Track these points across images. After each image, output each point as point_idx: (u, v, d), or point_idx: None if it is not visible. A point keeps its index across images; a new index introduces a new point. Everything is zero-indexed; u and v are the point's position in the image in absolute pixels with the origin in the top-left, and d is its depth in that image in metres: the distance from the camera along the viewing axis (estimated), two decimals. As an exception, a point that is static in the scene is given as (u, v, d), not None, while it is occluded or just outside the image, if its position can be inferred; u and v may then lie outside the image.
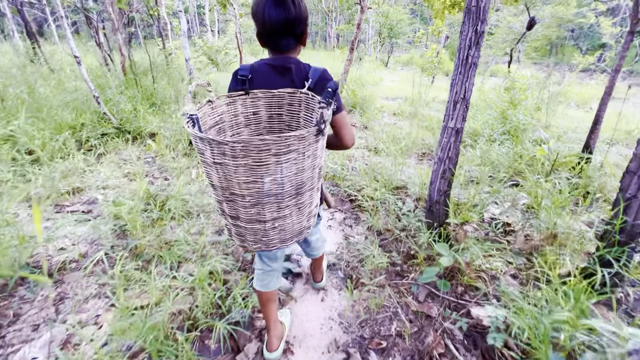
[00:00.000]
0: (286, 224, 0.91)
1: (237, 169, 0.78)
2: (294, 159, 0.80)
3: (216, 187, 0.87)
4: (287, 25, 1.01)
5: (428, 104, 5.56)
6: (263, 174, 0.79)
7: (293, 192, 0.86)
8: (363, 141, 4.12)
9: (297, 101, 1.06)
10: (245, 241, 0.94)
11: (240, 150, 0.74)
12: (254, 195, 0.83)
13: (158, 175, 2.98)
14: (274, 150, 0.76)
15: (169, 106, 4.26)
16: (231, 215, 0.91)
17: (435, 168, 1.73)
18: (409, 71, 13.75)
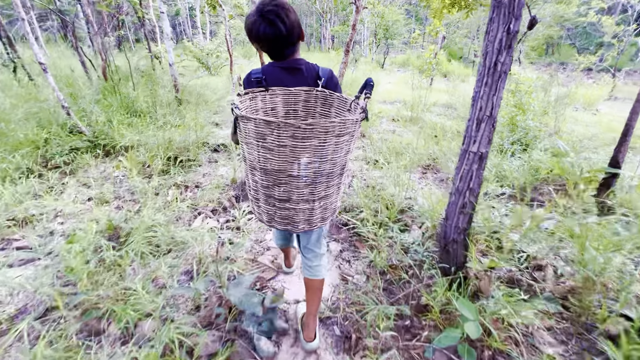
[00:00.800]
0: (328, 203, 1.03)
1: (303, 149, 0.87)
2: (346, 141, 0.93)
3: (270, 173, 0.93)
4: (281, 40, 1.07)
5: (429, 109, 5.25)
6: (324, 154, 0.89)
7: (339, 171, 0.98)
8: (361, 152, 3.79)
9: (313, 98, 1.18)
10: (291, 223, 1.02)
11: (311, 131, 0.83)
12: (310, 175, 0.92)
13: (129, 197, 2.63)
14: (337, 131, 0.86)
15: (147, 116, 3.90)
16: (281, 199, 0.97)
17: (453, 200, 1.40)
18: (405, 72, 13.46)
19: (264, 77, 1.15)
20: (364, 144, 4.06)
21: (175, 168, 2.98)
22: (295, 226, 1.04)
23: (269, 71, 1.16)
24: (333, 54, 15.63)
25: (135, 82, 4.79)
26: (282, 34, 1.05)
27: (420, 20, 30.67)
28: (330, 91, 1.16)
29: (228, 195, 2.62)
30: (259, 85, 1.14)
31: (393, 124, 5.14)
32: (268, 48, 1.10)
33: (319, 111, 1.21)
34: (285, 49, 1.11)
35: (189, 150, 3.26)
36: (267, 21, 1.03)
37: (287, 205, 0.99)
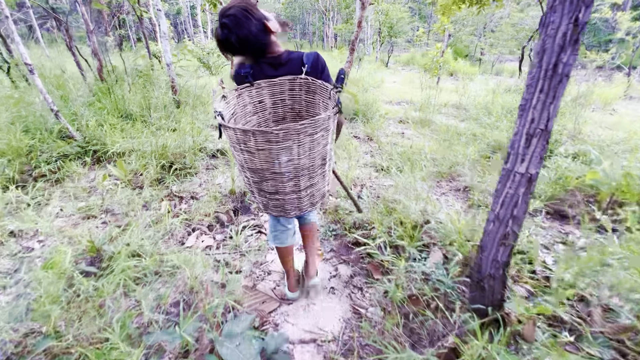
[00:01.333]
0: (315, 190, 1.14)
1: (280, 151, 0.95)
2: (322, 136, 1.00)
3: (256, 171, 1.03)
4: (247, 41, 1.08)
5: (439, 110, 4.99)
6: (301, 152, 0.97)
7: (320, 163, 1.07)
8: (368, 157, 3.55)
9: (298, 86, 1.21)
10: (283, 211, 1.14)
11: (284, 135, 0.92)
12: (292, 171, 1.01)
13: (118, 210, 2.41)
14: (310, 130, 0.94)
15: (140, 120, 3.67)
16: (270, 192, 1.09)
17: (491, 229, 1.16)
18: (410, 71, 13.18)
19: (251, 72, 1.17)
20: (372, 149, 3.82)
21: (170, 177, 2.76)
22: (287, 212, 1.16)
23: (254, 66, 1.19)
24: (336, 53, 15.35)
25: (131, 82, 4.57)
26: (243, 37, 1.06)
27: (424, 18, 30.29)
28: (312, 78, 1.17)
29: (226, 208, 2.39)
30: (246, 79, 1.17)
31: (401, 126, 4.90)
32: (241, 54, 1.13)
33: (304, 98, 1.24)
34: (255, 49, 1.12)
35: (185, 157, 3.04)
36: (226, 29, 1.05)
37: (276, 196, 1.10)
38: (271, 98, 1.26)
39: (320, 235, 2.14)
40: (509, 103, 5.09)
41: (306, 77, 1.17)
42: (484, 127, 4.07)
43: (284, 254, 1.53)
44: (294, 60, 1.18)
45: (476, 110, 4.87)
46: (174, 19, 23.04)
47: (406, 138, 4.24)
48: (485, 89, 7.52)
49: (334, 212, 2.32)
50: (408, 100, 6.81)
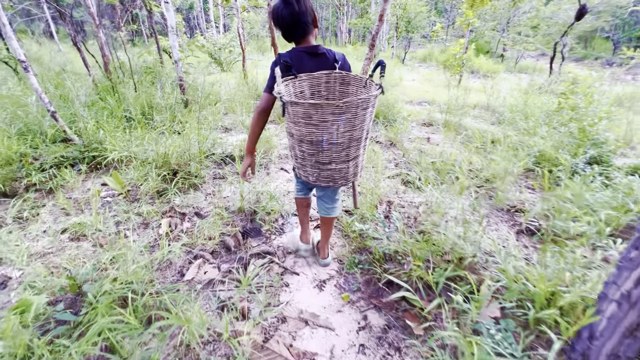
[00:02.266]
0: (359, 161, 1.31)
1: (341, 122, 1.13)
2: (370, 112, 1.20)
3: (315, 143, 1.19)
4: (296, 18, 1.28)
5: (467, 112, 4.56)
6: (356, 123, 1.16)
7: (365, 135, 1.26)
8: (392, 166, 3.18)
9: (333, 79, 1.39)
10: (332, 180, 1.30)
11: (346, 108, 1.10)
12: (346, 141, 1.19)
13: (113, 228, 2.12)
14: (363, 105, 1.13)
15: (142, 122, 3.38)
16: (324, 162, 1.25)
17: (613, 312, 0.80)
18: (428, 68, 12.63)
19: (288, 62, 1.30)
20: (395, 156, 3.44)
21: (172, 189, 2.46)
22: (336, 182, 1.31)
23: (294, 56, 1.34)
24: (350, 48, 14.88)
25: (137, 81, 4.30)
26: (296, 12, 1.26)
27: (441, 12, 29.32)
28: (346, 72, 1.37)
29: (233, 230, 2.07)
30: (287, 68, 1.30)
31: (425, 129, 4.49)
32: (287, 28, 1.30)
33: (338, 89, 1.38)
34: (300, 29, 1.30)
35: (190, 164, 2.73)
36: (285, 3, 1.25)
37: (329, 167, 1.26)
38: (310, 89, 1.42)
39: (345, 267, 1.80)
40: (545, 105, 4.62)
41: (341, 72, 1.37)
42: (522, 134, 3.64)
43: (302, 205, 1.76)
44: (327, 54, 1.37)
45: (510, 114, 4.42)
46: (186, 14, 22.89)
47: (433, 144, 3.85)
48: (513, 88, 7.00)
49: (358, 238, 1.98)
50: (430, 100, 6.37)
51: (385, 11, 5.06)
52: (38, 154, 2.76)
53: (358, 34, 23.16)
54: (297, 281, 1.73)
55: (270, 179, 2.90)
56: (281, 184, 2.81)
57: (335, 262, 1.86)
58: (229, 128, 4.24)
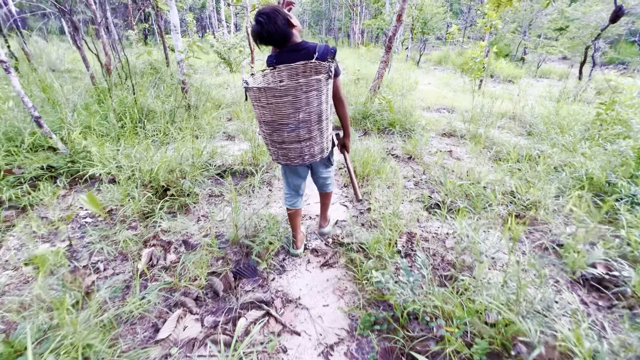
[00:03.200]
0: (313, 143, 1.41)
1: (283, 105, 1.27)
2: (315, 95, 1.28)
3: (268, 123, 1.36)
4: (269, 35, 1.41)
5: (492, 122, 4.14)
6: (298, 106, 1.28)
7: (316, 119, 1.35)
8: (411, 185, 2.80)
9: (309, 69, 1.51)
10: (289, 159, 1.45)
11: (285, 91, 1.23)
12: (293, 122, 1.32)
13: (86, 259, 1.81)
14: (304, 88, 1.24)
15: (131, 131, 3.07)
16: (278, 141, 1.40)
17: None
18: (443, 71, 12.13)
19: (274, 60, 1.53)
20: (414, 173, 3.06)
21: (159, 211, 2.14)
22: (292, 161, 1.45)
23: (278, 53, 1.53)
24: (363, 50, 14.47)
25: (134, 83, 4.02)
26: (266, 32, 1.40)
27: (457, 14, 28.59)
28: (319, 61, 1.45)
29: (224, 270, 1.73)
30: (270, 64, 1.54)
31: (446, 140, 4.09)
32: (265, 43, 1.46)
33: (314, 77, 1.32)
34: (275, 41, 1.45)
35: (185, 178, 2.41)
36: (257, 23, 1.39)
37: (283, 146, 1.41)
38: (289, 79, 1.55)
39: (358, 328, 1.44)
40: (580, 115, 4.16)
41: (315, 62, 1.45)
42: (560, 150, 3.21)
43: (293, 216, 1.83)
44: (308, 49, 1.48)
45: (543, 125, 3.97)
46: (199, 13, 22.84)
47: (455, 158, 3.45)
48: (541, 95, 6.51)
49: (375, 291, 1.61)
50: (449, 107, 5.94)
51: (404, 11, 4.67)
52: (17, 164, 2.49)
53: (371, 35, 22.71)
54: (297, 344, 1.38)
55: (272, 198, 2.56)
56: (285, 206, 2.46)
57: (345, 318, 1.50)
58: (232, 135, 3.92)
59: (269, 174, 2.91)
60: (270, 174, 2.88)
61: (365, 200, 2.53)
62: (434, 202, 2.46)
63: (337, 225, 2.23)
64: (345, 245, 1.96)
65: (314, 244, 2.01)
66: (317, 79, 1.25)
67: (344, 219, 2.30)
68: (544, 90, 6.25)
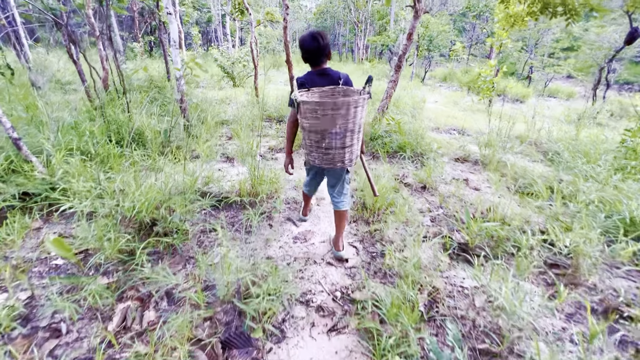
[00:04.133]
0: (353, 149, 1.70)
1: (337, 116, 1.54)
2: (361, 110, 1.59)
3: (319, 132, 1.61)
4: (321, 51, 1.78)
5: (512, 148, 3.87)
6: (349, 118, 1.56)
7: (358, 128, 1.65)
8: (427, 221, 2.50)
9: (337, 92, 1.83)
10: (332, 162, 1.70)
11: (340, 104, 1.51)
12: (343, 131, 1.60)
13: (47, 318, 1.51)
14: (354, 104, 1.53)
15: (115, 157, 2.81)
16: (326, 147, 1.66)
17: None
18: (449, 89, 11.99)
19: (305, 82, 1.81)
20: (430, 206, 2.77)
21: (140, 256, 1.84)
22: (335, 164, 1.71)
23: (308, 77, 1.84)
24: (367, 65, 14.41)
25: (129, 100, 3.80)
26: (317, 47, 1.77)
27: (460, 31, 28.82)
28: (347, 87, 1.82)
29: (211, 335, 1.43)
30: (301, 85, 1.80)
31: (460, 166, 3.81)
32: (308, 56, 1.81)
33: (362, 96, 1.62)
34: (318, 59, 1.81)
35: (175, 209, 2.13)
36: (312, 38, 1.76)
37: (329, 151, 1.67)
38: (319, 99, 1.84)
39: None
40: (601, 140, 3.89)
41: (343, 87, 1.81)
42: (591, 182, 2.92)
43: (307, 199, 2.33)
44: (332, 75, 1.84)
45: (566, 151, 3.70)
46: (205, 27, 23.08)
47: (473, 188, 3.16)
48: (554, 116, 6.28)
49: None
50: (459, 128, 5.70)
51: (415, 29, 4.48)
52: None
53: (375, 51, 22.83)
54: None
55: (272, 235, 2.27)
56: (286, 245, 2.17)
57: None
58: (232, 157, 3.66)
59: (268, 204, 2.63)
60: (269, 204, 2.60)
61: (377, 241, 2.23)
62: (455, 242, 2.16)
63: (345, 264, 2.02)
64: (357, 303, 1.66)
65: (319, 300, 1.71)
66: (364, 98, 1.57)
67: (354, 264, 2.00)
68: (561, 112, 6.01)
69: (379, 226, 2.35)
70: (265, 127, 5.01)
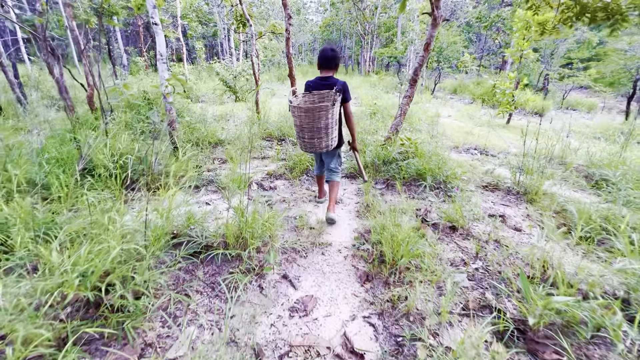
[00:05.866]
0: (322, 140, 2.35)
1: (306, 118, 2.29)
2: (325, 113, 2.26)
3: (298, 126, 2.37)
4: (334, 60, 2.41)
5: (553, 175, 3.29)
6: (314, 118, 2.27)
7: (324, 126, 2.30)
8: (463, 281, 1.93)
9: (330, 96, 2.35)
10: (307, 148, 2.44)
11: (306, 110, 2.27)
12: (312, 128, 2.31)
13: None
14: (319, 109, 2.24)
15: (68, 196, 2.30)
16: (303, 137, 2.38)
17: None
18: (460, 101, 11.47)
19: (310, 85, 2.50)
20: (464, 253, 2.20)
21: (71, 351, 1.30)
22: (314, 149, 2.41)
23: (313, 82, 2.48)
24: (375, 78, 14.00)
25: (106, 122, 3.35)
26: (333, 57, 2.39)
27: (468, 42, 28.42)
28: (334, 92, 2.29)
29: None
30: (307, 88, 2.52)
31: (490, 196, 3.24)
32: (323, 62, 2.41)
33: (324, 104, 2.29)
34: (329, 66, 2.42)
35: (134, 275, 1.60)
36: (332, 50, 2.39)
37: (305, 140, 2.40)
38: (319, 101, 2.47)
39: None
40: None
41: (334, 92, 2.29)
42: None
43: (319, 179, 2.93)
44: (332, 83, 2.40)
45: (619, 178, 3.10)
46: (211, 41, 23.12)
47: (513, 228, 2.59)
48: (580, 130, 5.68)
49: None
50: (479, 147, 5.14)
51: (433, 39, 4.00)
52: None
53: (382, 63, 22.52)
54: None
55: (262, 304, 1.72)
56: (280, 320, 1.62)
57: None
58: (224, 187, 3.15)
59: (262, 254, 2.09)
60: (261, 258, 2.05)
61: (402, 315, 1.66)
62: (509, 321, 1.58)
63: None
64: None
65: None
66: (325, 105, 2.25)
67: (370, 348, 1.44)
68: (587, 126, 5.41)
69: (402, 290, 1.79)
70: (264, 148, 4.52)
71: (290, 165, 3.71)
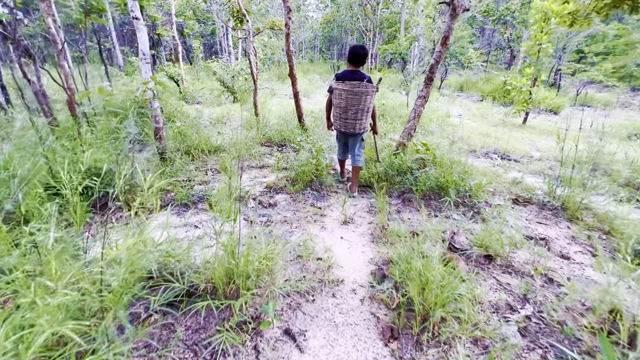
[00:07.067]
0: (362, 121, 2.80)
1: (353, 99, 2.70)
2: (370, 96, 2.72)
3: (340, 107, 2.78)
4: (364, 57, 2.77)
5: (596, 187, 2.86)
6: (361, 100, 2.70)
7: (366, 108, 2.76)
8: (515, 336, 1.51)
9: (360, 86, 2.69)
10: (346, 128, 2.83)
11: (356, 90, 2.67)
12: (355, 108, 2.73)
13: None
14: (365, 91, 2.68)
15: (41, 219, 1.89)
16: (343, 117, 2.81)
17: None
18: (469, 99, 10.99)
19: (343, 76, 2.80)
20: (507, 293, 1.78)
21: None
22: (352, 130, 2.81)
23: (345, 73, 2.81)
24: (378, 75, 13.54)
25: (83, 131, 2.94)
26: (363, 55, 2.75)
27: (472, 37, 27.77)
28: (367, 83, 2.70)
29: None
30: (338, 79, 2.82)
31: (524, 212, 2.81)
32: (354, 58, 2.76)
33: (362, 91, 2.68)
34: (359, 62, 2.77)
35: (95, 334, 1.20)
36: (361, 48, 2.74)
37: (349, 121, 2.78)
38: (350, 89, 2.70)
39: None
40: None
41: (365, 83, 2.69)
42: None
43: (342, 162, 3.33)
44: (361, 75, 2.77)
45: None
46: (209, 40, 22.66)
47: (559, 256, 2.16)
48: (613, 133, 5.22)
49: None
50: (499, 150, 4.70)
51: (451, 32, 3.55)
52: None
53: (385, 60, 21.98)
54: None
55: (259, 379, 1.31)
56: None
57: None
58: (214, 207, 2.73)
59: (259, 297, 1.68)
60: (254, 315, 1.63)
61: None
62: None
63: None
64: None
65: None
66: (372, 90, 2.69)
67: None
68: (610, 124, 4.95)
69: (438, 353, 1.38)
70: (263, 155, 4.10)
71: (293, 176, 3.29)
